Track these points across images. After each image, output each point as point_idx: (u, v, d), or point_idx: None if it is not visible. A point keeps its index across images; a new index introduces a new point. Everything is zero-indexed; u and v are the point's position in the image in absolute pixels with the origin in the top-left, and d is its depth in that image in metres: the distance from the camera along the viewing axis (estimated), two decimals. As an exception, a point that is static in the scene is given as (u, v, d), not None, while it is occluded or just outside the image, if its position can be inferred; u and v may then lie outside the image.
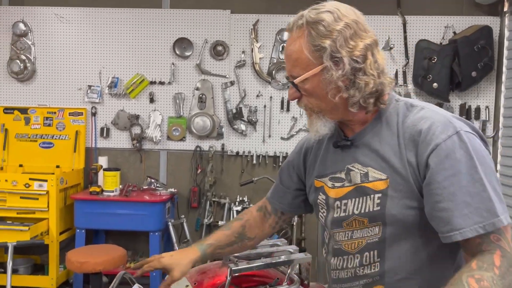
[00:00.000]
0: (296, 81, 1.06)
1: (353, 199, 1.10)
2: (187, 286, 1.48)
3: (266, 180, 3.78)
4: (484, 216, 0.93)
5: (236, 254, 1.55)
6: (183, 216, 3.88)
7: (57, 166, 3.95)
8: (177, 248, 3.69)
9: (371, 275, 1.07)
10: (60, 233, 3.64)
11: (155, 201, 3.60)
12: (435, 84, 3.56)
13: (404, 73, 3.77)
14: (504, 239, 0.94)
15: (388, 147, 1.06)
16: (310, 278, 1.64)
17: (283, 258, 1.54)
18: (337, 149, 1.16)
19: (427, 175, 0.99)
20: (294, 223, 3.76)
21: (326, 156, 1.20)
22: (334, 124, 1.12)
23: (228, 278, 1.46)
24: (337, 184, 1.14)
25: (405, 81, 3.77)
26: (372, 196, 1.06)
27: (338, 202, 1.13)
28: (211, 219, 3.97)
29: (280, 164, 3.93)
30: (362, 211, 1.08)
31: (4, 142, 3.98)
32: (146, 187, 3.86)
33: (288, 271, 1.56)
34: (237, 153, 3.98)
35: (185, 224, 3.85)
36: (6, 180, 3.49)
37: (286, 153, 3.94)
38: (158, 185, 3.86)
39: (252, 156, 3.97)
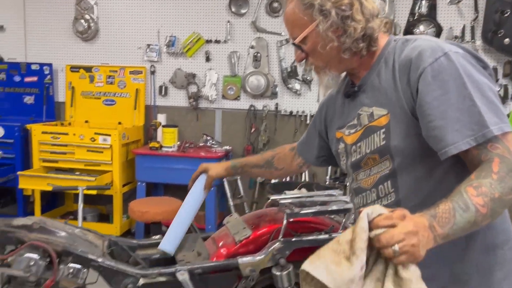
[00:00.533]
0: (296, 41, 1.15)
1: (364, 140, 1.19)
2: (244, 228, 1.53)
3: (320, 140, 3.76)
4: (474, 129, 0.97)
5: (292, 202, 1.58)
6: (237, 173, 3.97)
7: (119, 123, 4.15)
8: (232, 203, 3.81)
9: (388, 205, 1.09)
10: (123, 186, 3.87)
11: (211, 157, 3.70)
12: (506, 40, 3.30)
13: (472, 28, 3.52)
14: (503, 146, 0.97)
15: (386, 84, 1.13)
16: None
17: (338, 207, 1.54)
18: (348, 99, 1.24)
19: (418, 98, 1.04)
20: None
21: (342, 108, 1.28)
22: (341, 76, 1.21)
23: (284, 222, 1.49)
24: (351, 131, 1.23)
25: (472, 37, 3.53)
26: (378, 132, 1.14)
27: (354, 147, 1.22)
28: (264, 178, 4.03)
29: (335, 124, 3.89)
30: (372, 149, 1.16)
31: (72, 99, 4.23)
32: (202, 144, 3.97)
33: (343, 220, 1.57)
34: (291, 112, 3.97)
35: (239, 181, 3.95)
36: (74, 134, 3.73)
37: (341, 113, 3.87)
38: (213, 142, 3.96)
39: (306, 115, 3.94)
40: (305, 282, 0.93)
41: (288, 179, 3.93)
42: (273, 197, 1.68)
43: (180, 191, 4.06)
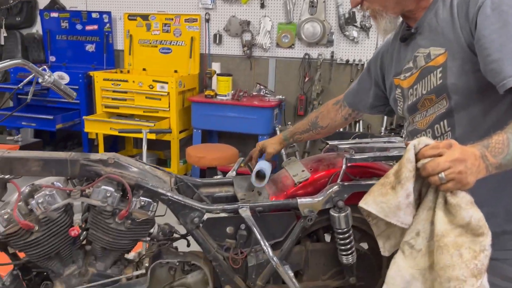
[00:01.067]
0: None
1: (421, 82, 1.19)
2: (303, 170, 1.57)
3: (376, 90, 3.66)
4: None
5: (351, 147, 1.58)
6: (289, 122, 3.99)
7: (175, 71, 4.24)
8: (284, 153, 3.86)
9: None
10: (180, 132, 4.01)
11: (264, 106, 3.73)
12: None
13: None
14: None
15: (444, 22, 1.12)
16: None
17: (398, 152, 1.53)
18: (404, 43, 1.25)
19: (476, 32, 1.02)
20: (403, 135, 3.66)
21: (398, 54, 1.29)
22: (398, 19, 1.21)
23: (344, 167, 1.51)
24: (407, 74, 1.24)
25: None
26: (434, 72, 1.14)
27: (410, 90, 1.23)
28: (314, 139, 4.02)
29: (393, 73, 3.75)
30: (429, 89, 1.17)
31: (130, 47, 4.34)
32: (255, 93, 3.99)
33: (404, 166, 1.56)
34: (347, 61, 3.86)
35: (291, 130, 3.97)
36: (133, 81, 3.87)
37: (400, 62, 3.72)
38: (266, 91, 3.97)
39: (362, 64, 3.83)
40: (370, 219, 1.00)
41: (341, 129, 3.90)
42: (331, 143, 1.69)
43: (233, 138, 4.18)
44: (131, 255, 1.63)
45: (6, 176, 1.41)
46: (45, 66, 1.59)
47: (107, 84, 3.93)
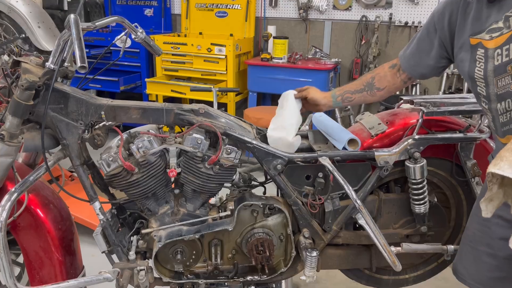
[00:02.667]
0: None
1: None
2: (379, 123, 1.63)
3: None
4: None
5: (426, 100, 1.62)
6: (344, 86, 4.00)
7: (231, 35, 4.31)
8: (338, 116, 3.90)
9: None
10: (236, 95, 4.12)
11: (320, 69, 3.76)
12: None
13: None
14: None
15: None
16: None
17: (474, 107, 1.56)
18: (491, 4, 1.20)
19: None
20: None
21: (480, 13, 1.24)
22: None
23: (420, 120, 1.56)
24: (494, 35, 1.19)
25: None
26: None
27: (498, 50, 1.18)
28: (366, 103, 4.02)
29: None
30: None
31: (187, 11, 4.44)
32: (311, 56, 4.01)
33: (480, 121, 1.59)
34: (406, 23, 3.79)
35: (346, 94, 3.99)
36: (192, 45, 3.98)
37: (462, 24, 3.61)
38: (322, 54, 3.98)
39: (422, 26, 3.74)
40: (492, 183, 1.02)
41: (397, 92, 3.88)
42: (405, 97, 1.74)
43: (286, 102, 4.25)
44: (212, 200, 1.78)
45: (109, 123, 1.56)
46: (136, 24, 1.71)
47: (166, 47, 4.06)
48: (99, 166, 1.55)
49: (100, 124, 1.57)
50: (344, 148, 1.56)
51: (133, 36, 1.68)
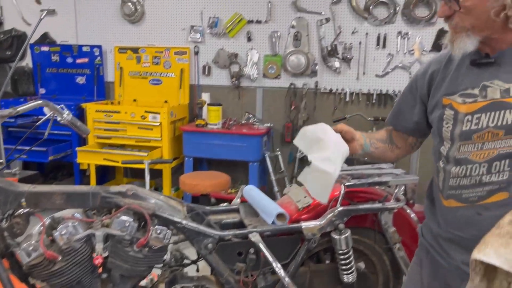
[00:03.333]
0: None
1: (488, 113, 1.16)
2: (306, 196, 1.71)
3: (359, 117, 3.88)
4: None
5: (347, 173, 1.74)
6: (278, 149, 4.15)
7: (165, 101, 4.38)
8: (273, 178, 4.00)
9: (498, 182, 1.13)
10: (171, 160, 4.10)
11: (254, 134, 3.89)
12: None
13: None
14: None
15: None
16: (415, 199, 1.79)
17: (391, 178, 1.69)
18: (472, 67, 1.20)
19: None
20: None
21: (457, 75, 1.24)
22: (478, 41, 1.15)
23: (342, 192, 1.66)
24: (468, 100, 1.19)
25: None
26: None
27: (469, 116, 1.19)
28: (304, 154, 4.19)
29: (374, 101, 3.98)
30: (499, 124, 1.14)
31: (120, 79, 4.47)
32: (244, 121, 4.15)
33: (396, 190, 1.72)
34: (330, 90, 4.08)
35: (280, 157, 4.13)
36: (125, 112, 3.98)
37: (380, 90, 3.96)
38: (255, 120, 4.14)
39: (345, 93, 4.05)
40: (474, 272, 0.95)
41: (327, 155, 4.08)
42: (329, 170, 1.84)
43: (222, 166, 4.30)
44: (143, 283, 1.73)
45: (31, 210, 1.50)
46: (63, 105, 1.70)
47: (99, 115, 4.02)
48: (18, 256, 1.47)
49: (19, 211, 1.50)
50: (273, 222, 1.61)
51: (58, 119, 1.67)
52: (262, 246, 1.50)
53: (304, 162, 4.23)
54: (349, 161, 3.65)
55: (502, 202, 1.13)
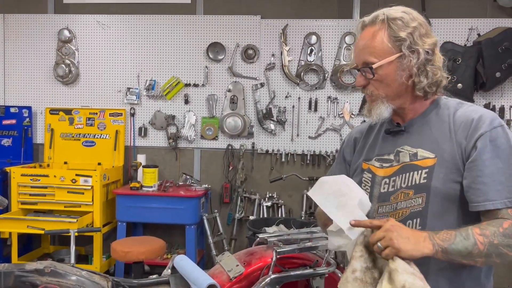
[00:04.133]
0: (374, 66, 1.24)
1: (401, 175, 1.27)
2: (238, 265, 1.68)
3: (295, 177, 3.97)
4: (511, 194, 1.14)
5: (279, 239, 1.74)
6: (216, 210, 4.10)
7: (99, 163, 4.23)
8: (211, 241, 3.91)
9: None
10: (103, 226, 3.91)
11: (191, 196, 3.83)
12: (459, 85, 3.68)
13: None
14: None
15: (439, 133, 1.25)
16: (345, 262, 1.82)
17: (321, 243, 1.72)
18: (387, 135, 1.34)
19: (473, 154, 1.18)
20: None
21: (376, 142, 1.38)
22: (392, 109, 1.29)
23: (274, 259, 1.66)
24: (385, 165, 1.31)
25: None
26: (419, 171, 1.24)
27: (386, 179, 1.30)
28: (242, 214, 4.18)
29: (308, 162, 4.12)
30: (409, 184, 1.25)
31: (50, 141, 4.28)
32: (182, 183, 4.09)
33: (326, 255, 1.75)
34: (267, 151, 4.18)
35: (218, 218, 4.07)
36: (54, 176, 3.78)
37: (314, 151, 4.11)
38: (192, 181, 4.10)
39: (281, 154, 4.16)
40: None
41: (265, 214, 4.09)
42: (261, 236, 1.85)
43: (159, 230, 4.16)
44: None
45: None
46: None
47: (25, 179, 3.78)
48: None
49: None
50: (204, 294, 1.55)
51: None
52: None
53: (243, 223, 4.20)
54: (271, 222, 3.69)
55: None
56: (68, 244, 4.27)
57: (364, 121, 1.60)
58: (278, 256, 1.64)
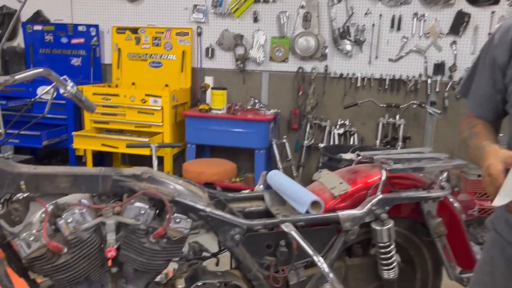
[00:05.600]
0: None
1: None
2: (341, 183, 1.53)
3: (370, 103, 3.70)
4: None
5: (388, 158, 1.55)
6: (285, 136, 3.96)
7: (166, 85, 4.15)
8: (281, 166, 3.81)
9: None
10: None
11: (261, 120, 3.69)
12: None
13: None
14: None
15: None
16: (459, 187, 1.62)
17: (436, 163, 1.52)
18: None
19: None
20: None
21: None
22: None
23: (383, 178, 1.48)
24: None
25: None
26: None
27: None
28: (312, 141, 4.02)
29: (386, 87, 3.80)
30: None
31: (118, 61, 4.22)
32: (250, 107, 3.95)
33: (440, 177, 1.54)
34: (341, 75, 3.89)
35: (286, 144, 3.94)
36: (124, 96, 3.74)
37: (393, 75, 3.77)
38: (260, 105, 3.93)
39: (356, 78, 3.86)
40: None
41: (337, 142, 3.90)
42: (363, 153, 1.66)
43: (225, 154, 4.10)
44: (157, 278, 1.53)
45: (31, 194, 1.29)
46: (66, 76, 1.49)
47: (97, 98, 3.78)
48: (17, 246, 1.27)
49: (18, 196, 1.29)
50: (307, 211, 1.42)
51: (61, 91, 1.46)
52: (298, 237, 1.31)
53: (312, 150, 4.05)
54: (345, 149, 3.50)
55: None
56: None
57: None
58: (387, 175, 1.46)
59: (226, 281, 1.37)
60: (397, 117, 3.73)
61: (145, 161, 4.22)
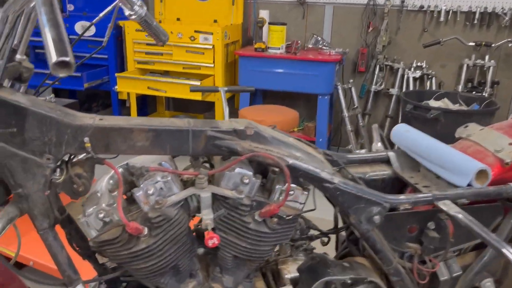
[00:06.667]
0: None
1: None
2: (511, 143, 1.10)
3: (456, 41, 3.15)
4: None
5: None
6: (351, 80, 3.48)
7: (215, 21, 3.68)
8: (346, 114, 3.38)
9: None
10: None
11: (326, 61, 3.21)
12: None
13: None
14: None
15: None
16: None
17: None
18: None
19: None
20: None
21: None
22: None
23: None
24: None
25: None
26: None
27: None
28: (382, 86, 3.53)
29: (475, 22, 3.21)
30: None
31: (161, -7, 3.76)
32: (311, 46, 3.46)
33: None
34: (421, 7, 3.31)
35: (352, 89, 3.48)
36: (171, 32, 3.31)
37: (485, 8, 3.17)
38: (324, 44, 3.44)
39: (439, 11, 3.28)
40: None
41: (411, 87, 3.41)
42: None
43: (279, 100, 3.68)
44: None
45: (98, 155, 0.93)
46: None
47: (140, 35, 3.38)
48: (81, 226, 0.94)
49: (80, 158, 0.93)
50: (469, 183, 1.02)
51: (126, 13, 1.06)
52: (468, 221, 0.93)
53: (381, 97, 3.58)
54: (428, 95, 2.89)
55: None
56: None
57: None
58: None
59: (358, 278, 1.01)
60: (487, 58, 3.18)
61: (191, 106, 3.87)
